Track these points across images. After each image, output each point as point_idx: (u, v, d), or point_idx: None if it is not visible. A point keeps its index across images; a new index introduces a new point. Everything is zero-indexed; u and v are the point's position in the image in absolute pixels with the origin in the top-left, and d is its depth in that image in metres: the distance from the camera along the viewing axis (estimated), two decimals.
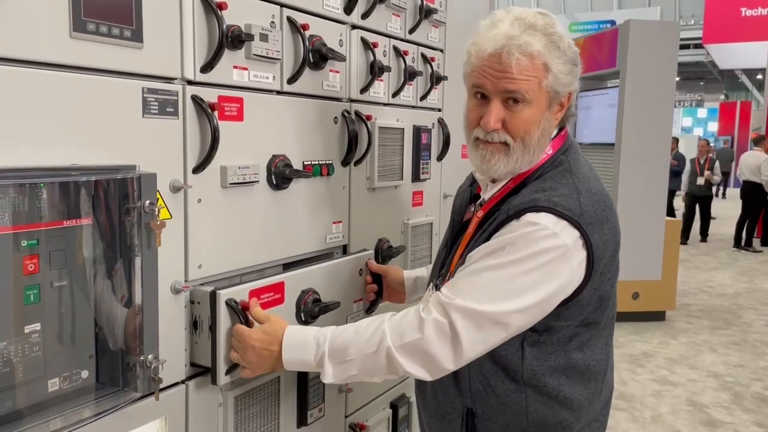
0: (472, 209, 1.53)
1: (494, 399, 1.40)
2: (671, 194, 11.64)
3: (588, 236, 1.31)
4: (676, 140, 12.39)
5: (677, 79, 6.46)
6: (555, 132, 1.45)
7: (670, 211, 11.94)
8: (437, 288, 1.45)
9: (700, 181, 10.60)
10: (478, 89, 1.37)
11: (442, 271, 1.53)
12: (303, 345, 1.37)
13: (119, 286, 1.21)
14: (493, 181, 1.47)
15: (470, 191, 1.60)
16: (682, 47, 9.08)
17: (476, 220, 1.45)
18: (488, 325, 1.27)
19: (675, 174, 11.14)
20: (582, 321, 1.39)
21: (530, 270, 1.28)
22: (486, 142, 1.38)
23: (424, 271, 1.86)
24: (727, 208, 14.67)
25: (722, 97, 26.76)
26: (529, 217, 1.30)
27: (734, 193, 12.94)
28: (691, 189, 10.85)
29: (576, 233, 1.30)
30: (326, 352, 1.34)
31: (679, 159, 11.25)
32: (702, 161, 10.72)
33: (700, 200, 10.89)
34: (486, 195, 1.48)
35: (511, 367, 1.38)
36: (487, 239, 1.35)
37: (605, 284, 1.39)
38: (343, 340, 1.34)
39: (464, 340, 1.27)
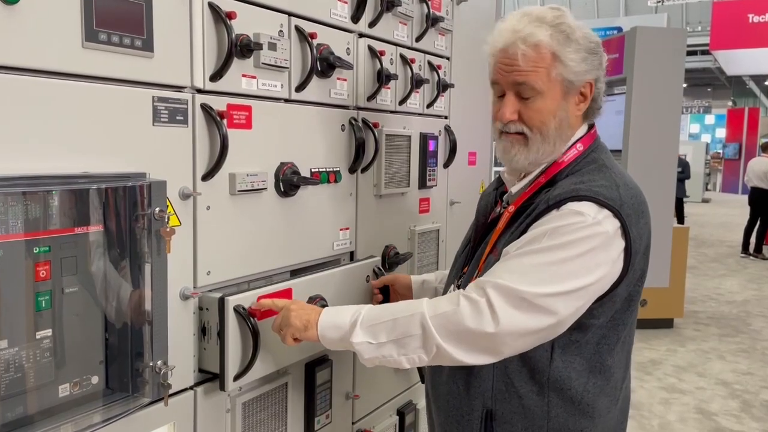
0: (498, 209, 1.53)
1: (516, 401, 1.39)
2: (679, 202, 11.56)
3: (628, 227, 1.31)
4: None
5: (684, 85, 6.44)
6: (585, 129, 1.45)
7: (681, 219, 11.88)
8: (459, 287, 1.44)
9: None
10: (494, 85, 1.42)
11: (466, 271, 1.52)
12: (340, 311, 1.40)
13: (129, 292, 1.22)
14: (522, 178, 1.47)
15: (496, 194, 1.60)
16: (690, 53, 9.05)
17: (507, 216, 1.44)
18: (526, 306, 1.24)
19: (679, 181, 11.05)
20: (611, 320, 1.39)
21: (572, 257, 1.26)
22: (506, 134, 1.42)
23: (431, 276, 1.86)
24: (735, 215, 14.60)
25: (730, 103, 26.66)
26: (571, 206, 1.30)
27: (742, 199, 12.84)
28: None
29: (617, 223, 1.30)
30: (362, 314, 1.35)
31: (683, 166, 11.06)
32: None
33: None
34: (514, 189, 1.47)
35: (538, 368, 1.37)
36: (524, 231, 1.34)
37: (637, 283, 1.40)
38: (381, 308, 1.38)
39: (501, 314, 1.24)
